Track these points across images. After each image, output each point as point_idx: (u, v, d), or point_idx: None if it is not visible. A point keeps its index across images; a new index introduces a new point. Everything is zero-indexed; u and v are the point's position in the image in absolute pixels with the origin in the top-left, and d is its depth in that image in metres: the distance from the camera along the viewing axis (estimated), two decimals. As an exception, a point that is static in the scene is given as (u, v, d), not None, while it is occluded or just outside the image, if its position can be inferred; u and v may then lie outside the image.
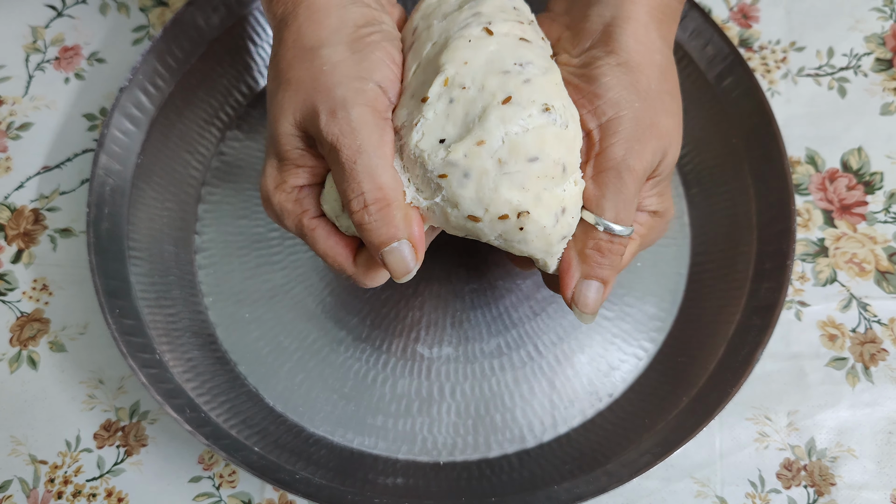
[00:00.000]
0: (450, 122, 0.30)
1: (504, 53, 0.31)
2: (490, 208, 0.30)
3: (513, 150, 0.30)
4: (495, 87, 0.30)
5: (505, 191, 0.30)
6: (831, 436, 0.43)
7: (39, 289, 0.46)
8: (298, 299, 0.45)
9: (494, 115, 0.30)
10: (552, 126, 0.30)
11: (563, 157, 0.31)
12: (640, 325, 0.45)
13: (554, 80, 0.31)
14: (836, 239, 0.47)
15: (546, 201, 0.30)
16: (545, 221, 0.31)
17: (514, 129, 0.30)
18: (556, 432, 0.43)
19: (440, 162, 0.30)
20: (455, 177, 0.30)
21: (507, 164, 0.30)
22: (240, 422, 0.42)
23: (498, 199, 0.30)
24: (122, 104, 0.45)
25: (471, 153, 0.30)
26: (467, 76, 0.30)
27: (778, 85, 0.51)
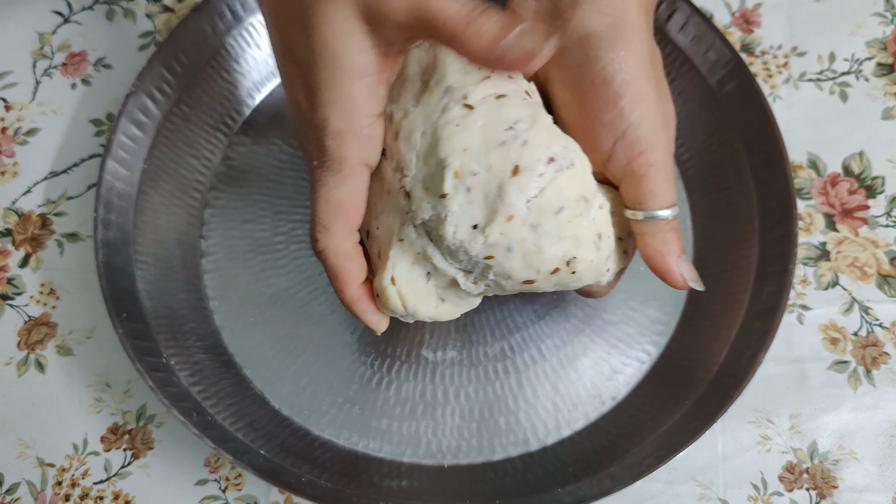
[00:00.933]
0: (474, 207, 0.32)
1: (493, 124, 0.32)
2: (541, 269, 0.32)
3: (540, 211, 0.32)
4: (501, 163, 0.31)
5: (548, 248, 0.32)
6: (833, 439, 0.43)
7: (47, 293, 0.46)
8: (303, 303, 0.45)
9: (512, 189, 0.31)
10: (562, 173, 0.32)
11: (581, 191, 0.33)
12: (643, 328, 0.45)
13: (545, 126, 0.32)
14: (838, 243, 0.47)
15: (584, 238, 0.33)
16: (591, 256, 0.33)
17: (533, 192, 0.31)
18: (559, 435, 0.43)
19: (482, 247, 0.32)
20: (500, 254, 0.32)
21: (540, 225, 0.32)
22: (245, 425, 0.42)
23: (545, 259, 0.32)
24: (128, 110, 0.46)
25: (506, 230, 0.31)
26: (472, 161, 0.32)
27: (780, 90, 0.51)
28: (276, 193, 0.48)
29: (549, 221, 0.32)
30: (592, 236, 0.33)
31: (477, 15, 0.29)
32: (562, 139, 0.33)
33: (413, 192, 0.33)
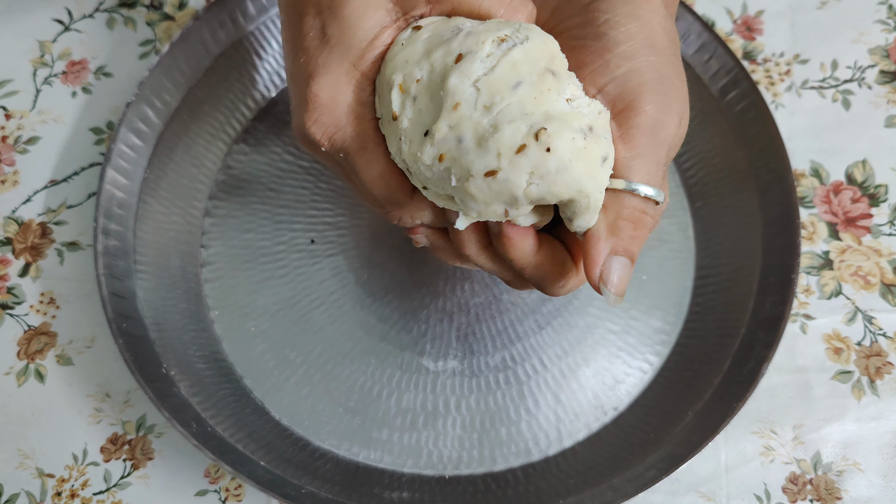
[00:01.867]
0: (423, 115, 0.28)
1: (438, 31, 0.29)
2: (502, 149, 0.26)
3: (492, 89, 0.27)
4: (443, 57, 0.28)
5: (507, 125, 0.26)
6: (837, 449, 0.43)
7: (47, 302, 0.46)
8: (304, 313, 0.45)
9: (454, 76, 0.27)
10: (516, 48, 0.27)
11: (544, 64, 0.27)
12: (646, 338, 0.45)
13: (497, 23, 0.29)
14: (841, 252, 0.47)
15: (559, 116, 0.27)
16: (571, 134, 0.26)
17: (479, 73, 0.27)
18: (561, 446, 0.43)
19: (431, 149, 0.27)
20: (452, 149, 0.27)
21: (494, 104, 0.27)
22: (245, 435, 0.42)
23: (503, 136, 0.26)
24: (128, 119, 0.46)
25: (454, 120, 0.27)
26: (415, 69, 0.28)
27: (782, 97, 0.51)
28: (277, 202, 0.48)
29: (507, 98, 0.27)
30: (575, 121, 0.27)
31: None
32: (517, 24, 0.28)
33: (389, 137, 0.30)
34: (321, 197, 0.48)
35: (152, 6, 0.53)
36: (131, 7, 0.53)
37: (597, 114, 0.28)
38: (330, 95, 0.30)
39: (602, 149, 0.27)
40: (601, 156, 0.27)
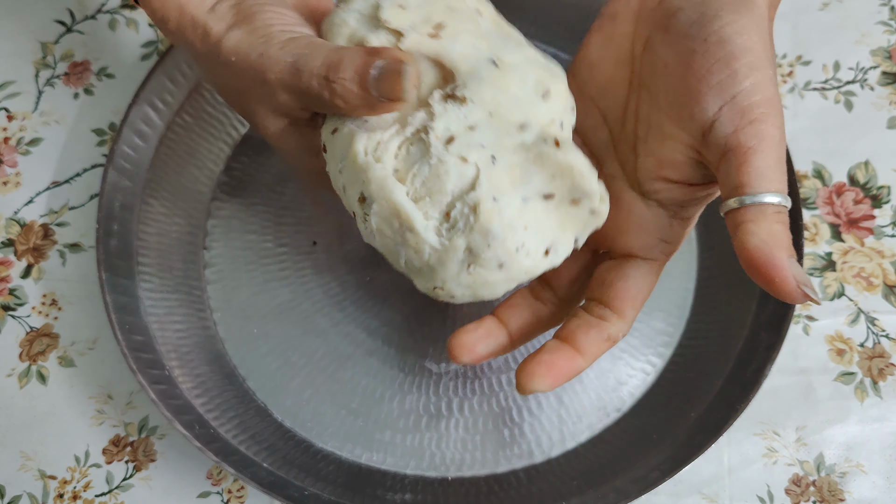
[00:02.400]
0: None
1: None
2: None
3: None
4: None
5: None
6: (840, 451, 0.43)
7: (49, 304, 0.46)
8: (306, 315, 0.45)
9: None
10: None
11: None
12: (648, 339, 0.45)
13: None
14: (844, 253, 0.47)
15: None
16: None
17: None
18: (564, 447, 0.43)
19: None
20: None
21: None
22: (248, 437, 0.42)
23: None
24: (130, 120, 0.46)
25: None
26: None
27: (785, 99, 0.51)
28: (279, 204, 0.47)
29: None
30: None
31: (337, 64, 0.30)
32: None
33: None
34: (323, 199, 0.47)
35: (154, 7, 0.53)
36: (133, 8, 0.53)
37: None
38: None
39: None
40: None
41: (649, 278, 0.32)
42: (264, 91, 0.32)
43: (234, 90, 0.34)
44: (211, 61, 0.33)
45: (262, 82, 0.32)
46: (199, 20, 0.33)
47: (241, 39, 0.32)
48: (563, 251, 0.30)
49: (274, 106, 0.33)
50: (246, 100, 0.34)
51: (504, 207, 0.28)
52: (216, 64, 0.33)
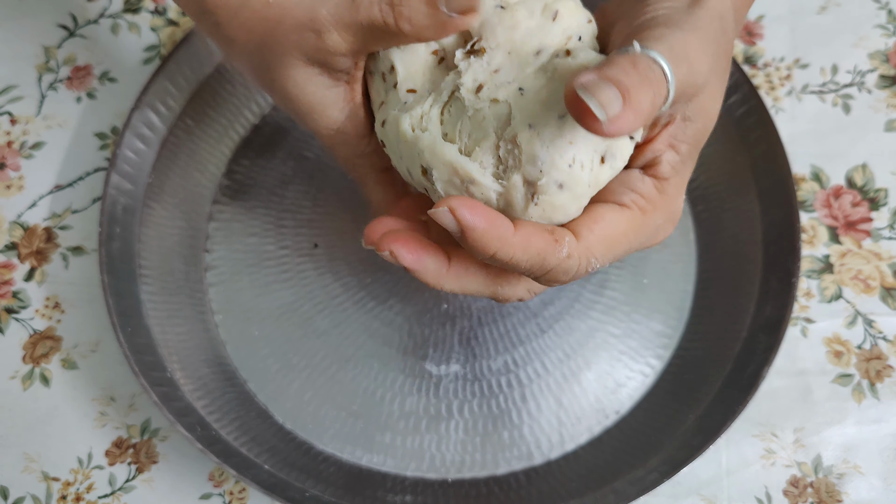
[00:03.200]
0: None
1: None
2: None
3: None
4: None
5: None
6: (837, 452, 0.43)
7: (52, 307, 0.47)
8: (307, 317, 0.45)
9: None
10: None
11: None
12: (647, 341, 0.45)
13: None
14: (842, 255, 0.47)
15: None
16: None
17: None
18: (563, 449, 0.43)
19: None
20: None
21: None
22: (249, 439, 0.42)
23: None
24: (133, 124, 0.46)
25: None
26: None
27: (782, 102, 0.51)
28: (280, 207, 0.48)
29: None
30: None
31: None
32: None
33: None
34: (324, 201, 0.48)
35: (156, 11, 0.54)
36: (135, 12, 0.54)
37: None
38: (328, 147, 0.35)
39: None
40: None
41: (616, 216, 0.30)
42: (306, 34, 0.31)
43: (257, 42, 0.32)
44: (240, 11, 0.32)
45: (308, 21, 0.31)
46: None
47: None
48: (622, 153, 0.30)
49: (314, 49, 0.31)
50: (273, 49, 0.32)
51: (542, 130, 0.28)
52: (246, 12, 0.32)
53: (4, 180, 0.49)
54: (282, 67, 0.32)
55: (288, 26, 0.31)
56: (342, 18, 0.30)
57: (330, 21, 0.30)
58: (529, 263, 0.28)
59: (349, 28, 0.30)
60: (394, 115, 0.32)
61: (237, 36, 0.33)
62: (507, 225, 0.28)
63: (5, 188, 0.49)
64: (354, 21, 0.30)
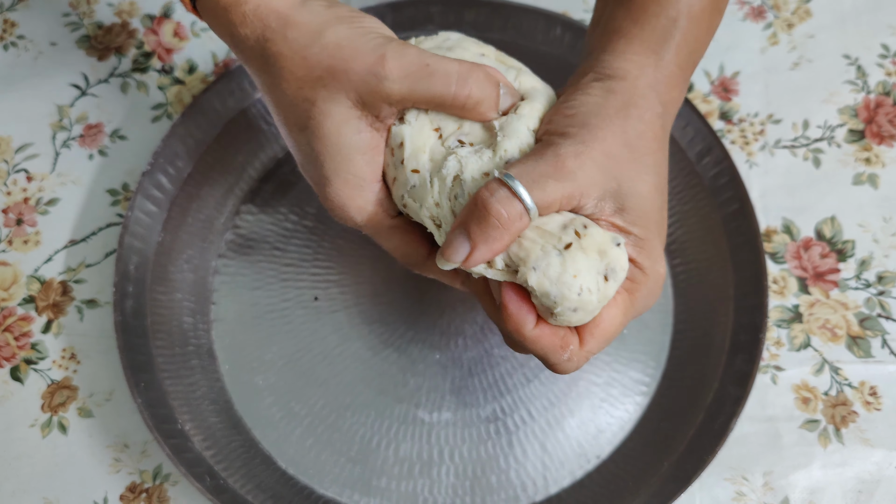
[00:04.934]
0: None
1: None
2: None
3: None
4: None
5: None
6: (804, 495, 0.46)
7: (68, 357, 0.50)
8: (308, 367, 0.48)
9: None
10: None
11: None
12: (627, 389, 0.48)
13: None
14: (810, 305, 0.50)
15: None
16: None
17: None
18: (547, 493, 0.46)
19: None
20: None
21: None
22: (255, 486, 0.45)
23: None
24: (144, 186, 0.49)
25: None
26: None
27: (756, 157, 0.54)
28: (282, 261, 0.51)
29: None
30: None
31: (466, 78, 0.34)
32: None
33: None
34: (324, 255, 0.51)
35: (163, 71, 0.57)
36: (143, 72, 0.57)
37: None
38: (339, 202, 0.37)
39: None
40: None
41: (611, 311, 0.35)
42: (369, 76, 0.34)
43: (315, 77, 0.34)
44: (295, 46, 0.34)
45: (376, 68, 0.34)
46: (284, 11, 0.35)
47: (353, 31, 0.34)
48: (620, 265, 0.33)
49: (369, 92, 0.34)
50: (328, 84, 0.34)
51: (546, 270, 0.33)
52: (315, 48, 0.34)
53: (22, 235, 0.52)
54: (327, 102, 0.35)
55: (354, 67, 0.34)
56: (410, 74, 0.34)
57: (399, 74, 0.34)
58: (537, 353, 0.35)
59: (416, 87, 0.34)
60: (411, 204, 0.36)
61: (294, 70, 0.35)
62: (529, 319, 0.34)
63: (23, 243, 0.52)
64: (425, 84, 0.34)
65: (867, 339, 0.49)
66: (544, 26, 0.53)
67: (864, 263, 0.51)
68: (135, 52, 0.57)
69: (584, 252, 0.33)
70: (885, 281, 0.51)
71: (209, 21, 0.37)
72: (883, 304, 0.50)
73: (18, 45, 0.57)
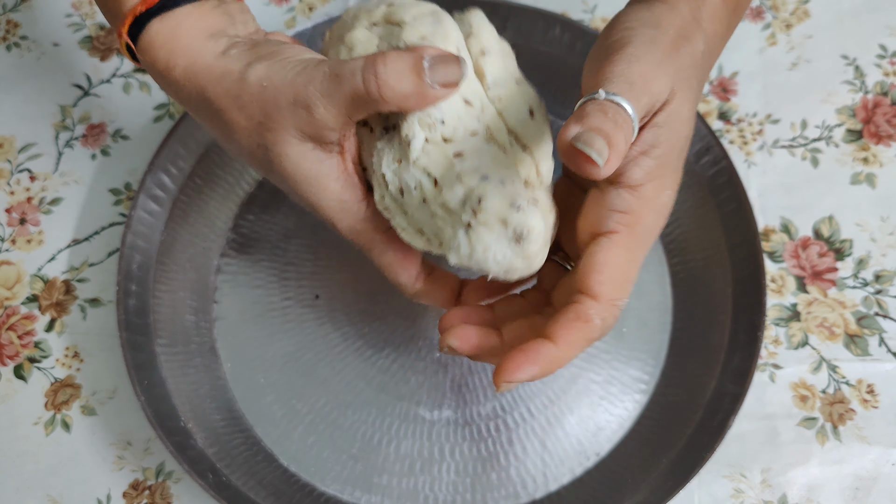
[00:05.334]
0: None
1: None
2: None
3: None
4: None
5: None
6: (802, 492, 0.47)
7: (71, 356, 0.50)
8: (309, 365, 0.49)
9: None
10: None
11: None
12: (626, 387, 0.49)
13: None
14: (808, 304, 0.51)
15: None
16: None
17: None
18: (547, 490, 0.46)
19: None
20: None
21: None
22: (256, 483, 0.45)
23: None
24: (146, 186, 0.50)
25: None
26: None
27: (754, 156, 0.54)
28: (283, 260, 0.51)
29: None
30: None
31: (380, 67, 0.33)
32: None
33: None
34: (325, 254, 0.51)
35: (165, 71, 0.57)
36: (145, 72, 0.57)
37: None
38: (332, 223, 0.37)
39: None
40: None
41: (612, 251, 0.33)
42: (298, 110, 0.34)
43: (256, 123, 0.35)
44: (228, 98, 0.35)
45: (299, 98, 0.33)
46: (211, 64, 0.35)
47: (271, 68, 0.34)
48: (525, 227, 0.33)
49: (306, 124, 0.34)
50: (270, 128, 0.35)
51: (458, 250, 0.34)
52: (245, 96, 0.35)
53: (25, 235, 0.53)
54: (278, 146, 0.35)
55: (281, 105, 0.34)
56: (328, 91, 0.33)
57: (317, 96, 0.34)
58: (586, 349, 0.33)
59: (334, 100, 0.34)
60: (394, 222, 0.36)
61: (238, 121, 0.36)
62: (551, 348, 0.32)
63: (26, 242, 0.53)
64: (339, 93, 0.33)
65: (865, 338, 0.50)
66: (543, 26, 0.54)
67: (862, 262, 0.52)
68: (137, 52, 0.57)
69: (486, 227, 0.33)
70: (883, 280, 0.51)
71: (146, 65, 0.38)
72: (880, 303, 0.50)
73: (21, 45, 0.57)
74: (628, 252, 0.33)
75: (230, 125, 0.36)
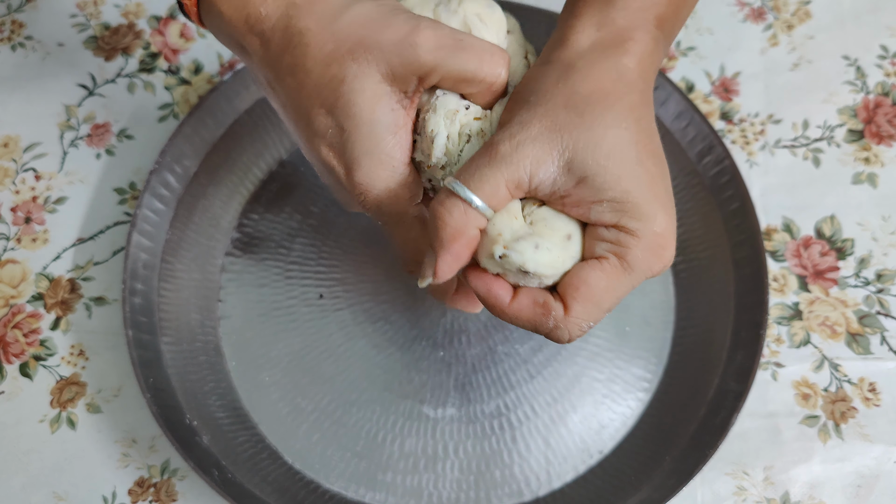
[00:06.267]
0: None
1: None
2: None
3: None
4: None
5: None
6: (804, 489, 0.47)
7: (77, 354, 0.50)
8: (314, 364, 0.49)
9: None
10: None
11: None
12: (629, 385, 0.49)
13: None
14: (810, 303, 0.51)
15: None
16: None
17: None
18: (550, 487, 0.47)
19: None
20: None
21: None
22: (261, 480, 0.46)
23: None
24: (152, 185, 0.50)
25: None
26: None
27: (756, 156, 0.55)
28: (288, 259, 0.51)
29: None
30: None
31: (495, 58, 0.34)
32: None
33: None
34: (328, 254, 0.51)
35: (170, 71, 0.57)
36: (150, 72, 0.57)
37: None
38: (368, 184, 0.35)
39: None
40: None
41: (594, 272, 0.32)
42: (399, 46, 0.33)
43: (346, 50, 0.34)
44: (321, 21, 0.34)
45: (404, 36, 0.33)
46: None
47: (381, 8, 0.34)
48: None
49: (402, 64, 0.33)
50: (359, 57, 0.34)
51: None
52: (346, 19, 0.34)
53: (30, 234, 0.53)
54: (359, 79, 0.34)
55: (387, 37, 0.33)
56: (444, 47, 0.33)
57: (429, 43, 0.33)
58: (527, 327, 0.33)
59: (444, 56, 0.33)
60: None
61: (321, 45, 0.34)
62: (503, 296, 0.33)
63: (31, 241, 0.53)
64: (450, 58, 0.33)
65: (866, 336, 0.50)
66: (546, 27, 0.54)
67: (864, 261, 0.52)
68: (141, 52, 0.58)
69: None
70: (884, 279, 0.51)
71: (220, 7, 0.35)
72: (882, 302, 0.51)
73: (26, 45, 0.58)
74: (609, 280, 0.32)
75: (308, 49, 0.34)
